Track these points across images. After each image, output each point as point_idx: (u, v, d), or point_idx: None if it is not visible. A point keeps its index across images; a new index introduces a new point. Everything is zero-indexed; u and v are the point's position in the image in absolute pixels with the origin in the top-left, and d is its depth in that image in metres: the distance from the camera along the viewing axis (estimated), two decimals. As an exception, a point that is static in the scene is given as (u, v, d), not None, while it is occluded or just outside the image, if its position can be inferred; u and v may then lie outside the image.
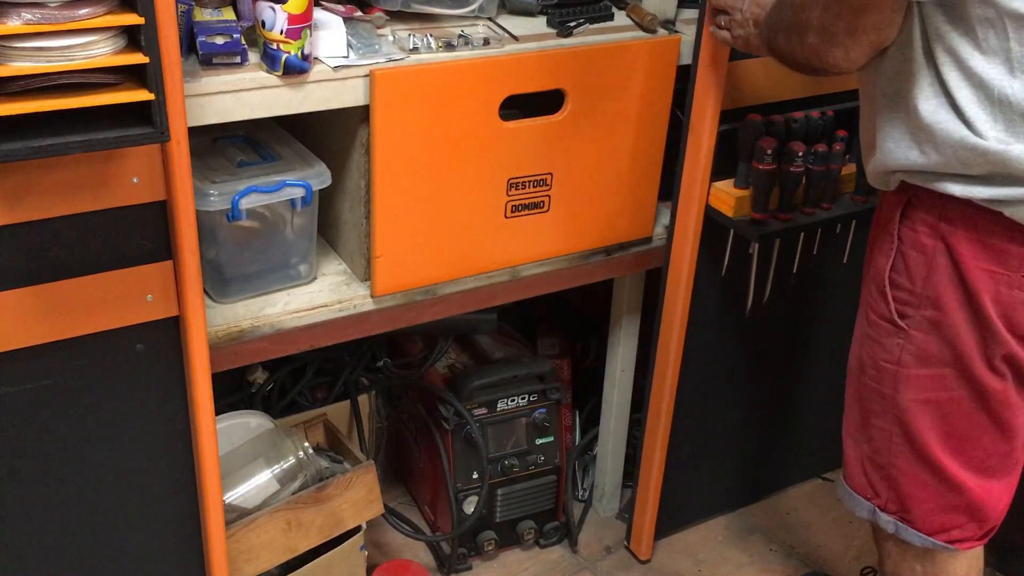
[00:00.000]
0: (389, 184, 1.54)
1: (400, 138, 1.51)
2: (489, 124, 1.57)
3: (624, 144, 1.72)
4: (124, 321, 1.37)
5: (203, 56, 1.41)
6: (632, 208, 1.81)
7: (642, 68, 1.66)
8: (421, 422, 2.12)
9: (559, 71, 1.60)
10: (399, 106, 1.49)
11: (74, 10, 1.12)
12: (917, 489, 1.45)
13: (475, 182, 1.61)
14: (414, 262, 1.63)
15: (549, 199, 1.69)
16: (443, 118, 1.53)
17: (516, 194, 1.65)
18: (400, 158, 1.53)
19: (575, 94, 1.63)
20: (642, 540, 2.14)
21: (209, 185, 1.52)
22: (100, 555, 1.51)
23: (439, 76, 1.50)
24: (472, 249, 1.68)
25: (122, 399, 1.42)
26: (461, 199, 1.61)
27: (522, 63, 1.57)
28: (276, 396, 2.03)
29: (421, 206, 1.59)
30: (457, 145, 1.56)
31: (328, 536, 1.81)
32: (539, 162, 1.65)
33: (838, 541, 2.27)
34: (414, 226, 1.60)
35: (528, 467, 2.08)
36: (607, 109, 1.67)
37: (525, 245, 1.72)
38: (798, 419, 2.30)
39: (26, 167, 1.23)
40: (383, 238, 1.58)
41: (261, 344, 1.59)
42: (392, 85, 1.47)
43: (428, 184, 1.57)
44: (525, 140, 1.62)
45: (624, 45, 1.64)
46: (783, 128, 1.75)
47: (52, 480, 1.42)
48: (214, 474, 1.50)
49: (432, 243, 1.63)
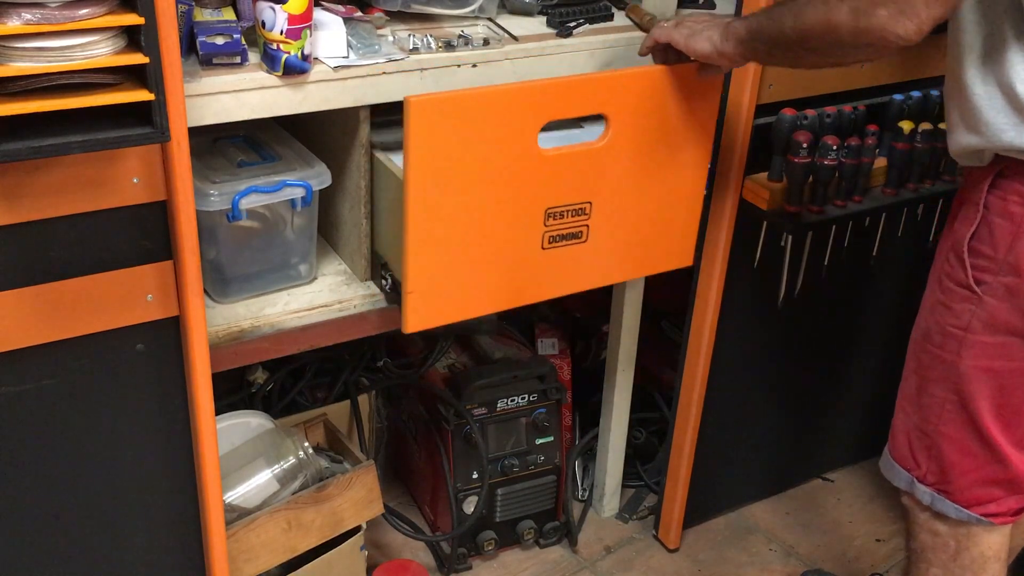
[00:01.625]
0: (422, 216, 1.44)
1: (434, 168, 1.42)
2: (527, 152, 1.49)
3: (666, 170, 1.64)
4: (124, 321, 1.37)
5: (203, 56, 1.41)
6: (673, 236, 1.72)
7: (686, 92, 1.58)
8: (421, 422, 2.12)
9: (601, 95, 1.52)
10: (434, 134, 1.40)
11: (74, 10, 1.12)
12: (961, 458, 1.47)
13: (512, 212, 1.53)
14: (447, 297, 1.54)
15: (588, 229, 1.60)
16: (480, 146, 1.44)
17: (554, 224, 1.57)
18: (434, 189, 1.43)
19: (617, 119, 1.54)
20: (671, 529, 2.18)
21: (209, 185, 1.52)
22: (100, 555, 1.51)
23: (477, 102, 1.43)
24: (508, 282, 1.59)
25: (122, 399, 1.42)
26: (497, 231, 1.53)
27: (562, 88, 1.50)
28: (276, 396, 2.03)
29: (455, 238, 1.49)
30: (494, 174, 1.48)
31: (328, 536, 1.81)
32: (578, 190, 1.57)
33: (838, 541, 2.27)
34: (447, 259, 1.50)
35: (528, 467, 2.08)
36: (650, 134, 1.59)
37: (562, 277, 1.64)
38: (799, 419, 2.30)
39: (26, 167, 1.23)
40: (415, 272, 1.48)
41: (261, 344, 1.59)
42: (427, 112, 1.38)
43: (462, 215, 1.48)
44: (564, 168, 1.54)
45: (669, 69, 1.54)
46: (816, 122, 1.77)
47: (52, 480, 1.42)
48: (214, 474, 1.50)
49: (466, 277, 1.54)
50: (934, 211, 2.01)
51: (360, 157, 1.59)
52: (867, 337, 2.26)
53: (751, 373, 2.11)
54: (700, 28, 1.46)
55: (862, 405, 2.37)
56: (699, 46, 1.46)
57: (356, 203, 1.64)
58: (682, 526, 2.19)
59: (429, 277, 1.50)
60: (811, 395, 2.27)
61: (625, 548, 2.21)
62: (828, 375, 2.27)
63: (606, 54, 1.71)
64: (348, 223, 1.69)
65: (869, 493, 2.41)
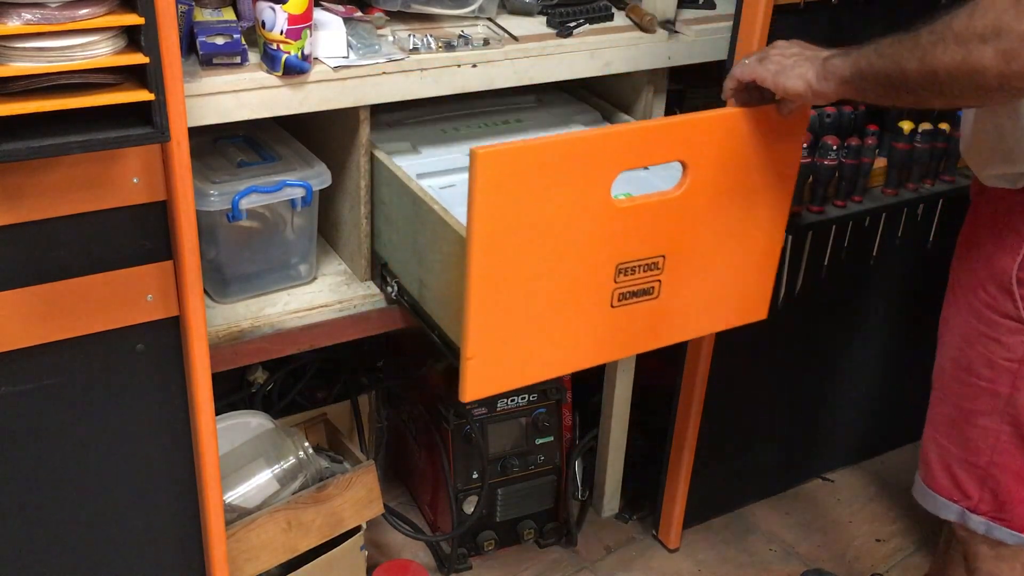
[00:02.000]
0: (485, 276, 1.32)
1: (501, 224, 1.31)
2: (600, 204, 1.37)
3: (745, 219, 1.53)
4: (124, 321, 1.37)
5: (203, 56, 1.41)
6: (748, 287, 1.61)
7: (769, 133, 1.47)
8: (421, 422, 2.12)
9: (679, 141, 1.41)
10: (502, 188, 1.28)
11: (74, 10, 1.12)
12: (1020, 486, 1.45)
13: (581, 270, 1.41)
14: (508, 362, 1.43)
15: (660, 284, 1.48)
16: (550, 200, 1.33)
17: (624, 280, 1.45)
18: (500, 247, 1.32)
19: (696, 166, 1.43)
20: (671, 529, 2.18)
21: (209, 185, 1.52)
22: (100, 555, 1.51)
23: (549, 152, 1.31)
24: (573, 345, 1.48)
25: (122, 399, 1.42)
26: (564, 290, 1.41)
27: (639, 135, 1.40)
28: (276, 396, 2.03)
29: (520, 300, 1.38)
30: (563, 229, 1.37)
31: (328, 536, 1.81)
32: (652, 244, 1.45)
33: (838, 541, 2.27)
34: (511, 322, 1.39)
35: (528, 467, 2.08)
36: (729, 181, 1.48)
37: (631, 337, 1.52)
38: (799, 419, 2.30)
39: (26, 167, 1.23)
40: (476, 338, 1.36)
41: (261, 344, 1.59)
42: (496, 165, 1.26)
43: (528, 274, 1.37)
44: (638, 220, 1.42)
45: (752, 110, 1.43)
46: (816, 122, 1.78)
47: (52, 480, 1.42)
48: (214, 474, 1.50)
49: (530, 340, 1.43)
50: (934, 211, 2.01)
51: (360, 157, 1.59)
52: (867, 337, 2.26)
53: (751, 373, 2.11)
54: (790, 64, 1.33)
55: (862, 405, 2.37)
56: (791, 84, 1.32)
57: (356, 203, 1.64)
58: (682, 526, 2.19)
59: (491, 342, 1.38)
60: (811, 395, 2.27)
61: (625, 548, 2.21)
62: (828, 375, 2.27)
63: (606, 54, 1.71)
64: (348, 223, 1.69)
65: (869, 493, 2.41)
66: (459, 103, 1.86)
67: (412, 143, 1.72)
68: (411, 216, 1.52)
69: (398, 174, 1.55)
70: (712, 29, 1.79)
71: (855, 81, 1.25)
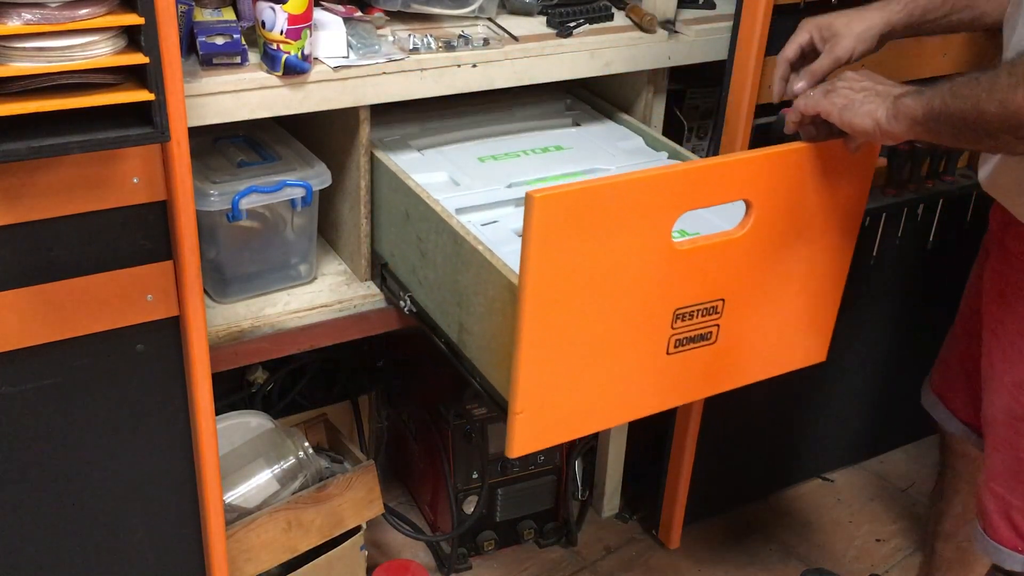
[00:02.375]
0: (537, 326, 1.24)
1: (556, 271, 1.23)
2: (660, 247, 1.29)
3: (809, 259, 1.46)
4: (124, 321, 1.37)
5: (203, 56, 1.41)
6: (809, 329, 1.54)
7: (835, 170, 1.39)
8: (421, 422, 2.12)
9: (743, 179, 1.33)
10: (559, 233, 1.20)
11: (74, 10, 1.12)
12: None
13: (638, 317, 1.33)
14: (559, 415, 1.35)
15: (717, 329, 1.41)
16: (608, 244, 1.25)
17: (681, 326, 1.37)
18: (553, 295, 1.24)
19: (760, 205, 1.35)
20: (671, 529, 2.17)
21: (209, 185, 1.52)
22: (100, 555, 1.51)
23: (608, 194, 1.23)
24: (627, 395, 1.40)
25: (122, 399, 1.42)
26: (619, 338, 1.33)
27: (701, 174, 1.32)
28: (276, 396, 2.03)
29: (572, 349, 1.30)
30: (621, 275, 1.28)
31: (328, 536, 1.81)
32: (711, 287, 1.37)
33: (838, 541, 2.27)
34: (562, 373, 1.31)
35: (528, 467, 2.08)
36: (793, 220, 1.40)
37: (686, 385, 1.45)
38: (799, 419, 2.30)
39: (26, 167, 1.23)
40: (526, 391, 1.28)
41: (261, 344, 1.59)
42: (553, 209, 1.18)
43: (582, 322, 1.29)
44: (698, 262, 1.34)
45: (819, 146, 1.35)
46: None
47: (52, 480, 1.42)
48: (214, 474, 1.50)
49: (580, 392, 1.35)
50: (934, 211, 2.01)
51: (360, 157, 1.59)
52: (867, 337, 2.25)
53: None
54: (859, 99, 1.25)
55: (862, 405, 2.37)
56: (858, 122, 1.24)
57: (356, 203, 1.64)
58: (682, 526, 2.19)
59: (540, 395, 1.30)
60: (811, 395, 2.27)
61: (625, 548, 2.21)
62: (828, 375, 2.27)
63: (606, 54, 1.71)
64: (348, 223, 1.69)
65: (869, 493, 2.41)
66: (493, 123, 1.82)
67: (449, 173, 1.63)
68: (451, 255, 1.42)
69: (436, 208, 1.46)
70: (712, 29, 1.79)
71: (928, 123, 1.17)
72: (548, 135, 1.81)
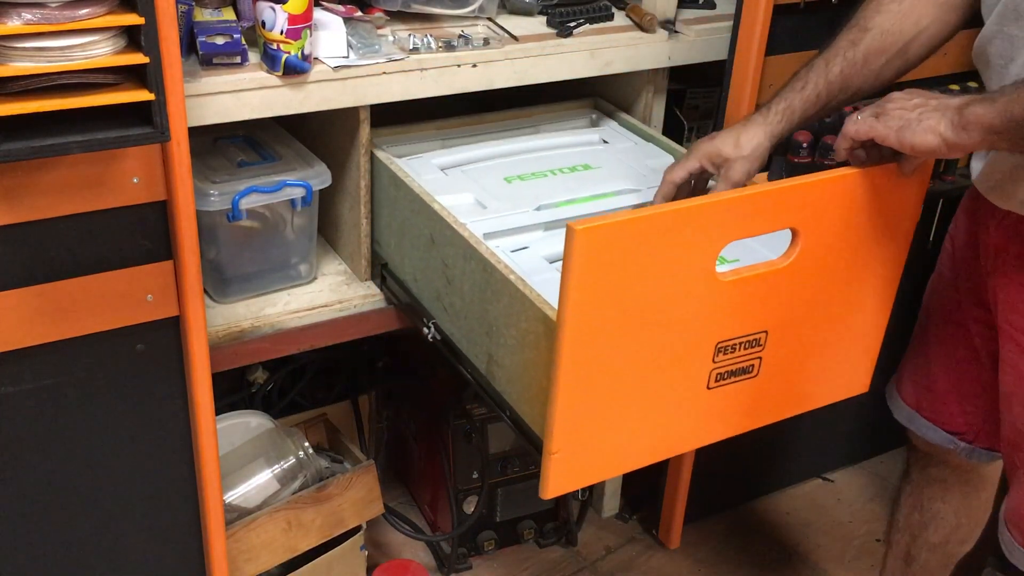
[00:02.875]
0: (576, 363, 1.19)
1: (596, 306, 1.17)
2: (704, 280, 1.24)
3: (855, 287, 1.40)
4: (124, 321, 1.37)
5: (203, 56, 1.41)
6: (853, 360, 1.49)
7: (886, 194, 1.33)
8: (421, 422, 2.13)
9: (791, 208, 1.28)
10: (600, 268, 1.15)
11: (74, 10, 1.12)
12: None
13: (679, 351, 1.28)
14: (595, 454, 1.30)
15: (760, 362, 1.35)
16: (650, 276, 1.20)
17: (723, 360, 1.31)
18: (592, 330, 1.19)
19: (808, 234, 1.29)
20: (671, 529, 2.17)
21: (209, 185, 1.52)
22: (100, 555, 1.51)
23: (653, 226, 1.18)
24: (665, 432, 1.35)
25: (122, 399, 1.42)
26: (658, 374, 1.28)
27: (747, 203, 1.26)
28: (276, 396, 2.03)
29: (610, 387, 1.25)
30: (662, 308, 1.23)
31: (328, 536, 1.81)
32: (754, 319, 1.32)
33: (838, 541, 2.27)
34: (599, 411, 1.26)
35: (528, 467, 2.08)
36: (841, 248, 1.35)
37: (726, 420, 1.39)
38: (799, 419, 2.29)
39: (26, 167, 1.23)
40: (563, 430, 1.22)
41: (261, 344, 1.59)
42: (596, 242, 1.13)
43: (621, 359, 1.24)
44: (742, 294, 1.29)
45: (868, 173, 1.29)
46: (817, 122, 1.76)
47: (52, 480, 1.42)
48: (214, 474, 1.50)
49: (618, 430, 1.30)
50: (934, 211, 2.01)
51: (360, 157, 1.59)
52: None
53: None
54: (915, 117, 1.18)
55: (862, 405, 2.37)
56: (920, 140, 1.17)
57: (356, 203, 1.64)
58: (682, 526, 2.19)
59: (577, 434, 1.25)
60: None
61: (625, 548, 2.21)
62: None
63: (606, 54, 1.71)
64: (348, 223, 1.69)
65: (869, 493, 2.41)
66: (517, 140, 1.79)
67: (475, 195, 1.59)
68: (480, 284, 1.37)
69: (463, 234, 1.40)
70: (712, 29, 1.79)
71: (1007, 130, 1.11)
72: (575, 153, 1.77)
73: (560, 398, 1.20)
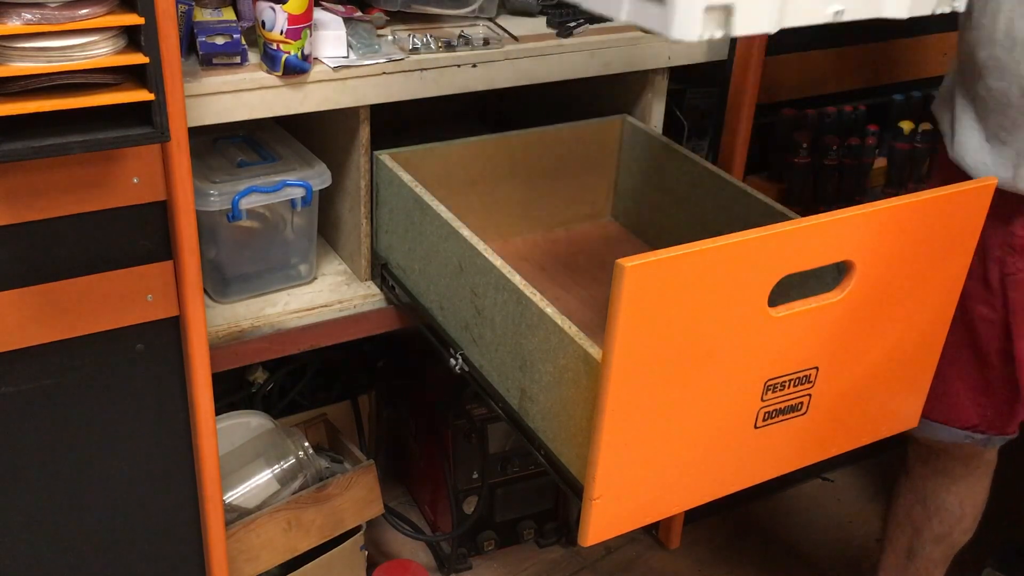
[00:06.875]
0: (621, 405, 1.13)
1: (642, 344, 1.12)
2: (755, 315, 1.18)
3: (909, 320, 1.35)
4: (124, 321, 1.37)
5: (203, 56, 1.41)
6: (903, 394, 1.43)
7: (945, 225, 1.29)
8: (421, 422, 2.13)
9: (846, 239, 1.22)
10: (649, 304, 1.09)
11: (74, 10, 1.12)
12: None
13: (727, 390, 1.23)
14: (638, 498, 1.25)
15: (809, 399, 1.30)
16: (699, 313, 1.14)
17: (772, 397, 1.26)
18: (638, 369, 1.13)
19: (863, 266, 1.24)
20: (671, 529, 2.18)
21: (209, 185, 1.52)
22: (100, 555, 1.51)
23: (703, 261, 1.12)
24: (710, 473, 1.31)
25: (122, 399, 1.42)
26: (705, 415, 1.23)
27: (802, 236, 1.19)
28: (276, 396, 2.03)
29: (655, 429, 1.19)
30: (711, 345, 1.18)
31: (328, 536, 1.81)
32: (805, 355, 1.26)
33: (838, 541, 2.27)
34: (643, 454, 1.21)
35: (528, 467, 2.08)
36: (897, 279, 1.29)
37: (773, 459, 1.34)
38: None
39: (26, 167, 1.23)
40: (605, 475, 1.17)
41: (261, 344, 1.59)
42: (645, 279, 1.07)
43: (667, 400, 1.18)
44: (794, 329, 1.23)
45: (926, 203, 1.25)
46: (816, 122, 1.77)
47: (51, 480, 1.42)
48: (214, 474, 1.50)
49: (661, 472, 1.25)
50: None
51: (360, 157, 1.59)
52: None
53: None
54: None
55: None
56: None
57: (356, 203, 1.64)
58: (682, 525, 2.19)
59: (620, 478, 1.20)
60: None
61: (625, 548, 2.21)
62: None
63: (606, 54, 1.71)
64: (348, 223, 1.69)
65: (869, 493, 2.41)
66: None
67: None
68: (514, 315, 1.31)
69: (496, 263, 1.33)
70: (712, 29, 1.78)
71: None
72: None
73: (604, 442, 1.14)
